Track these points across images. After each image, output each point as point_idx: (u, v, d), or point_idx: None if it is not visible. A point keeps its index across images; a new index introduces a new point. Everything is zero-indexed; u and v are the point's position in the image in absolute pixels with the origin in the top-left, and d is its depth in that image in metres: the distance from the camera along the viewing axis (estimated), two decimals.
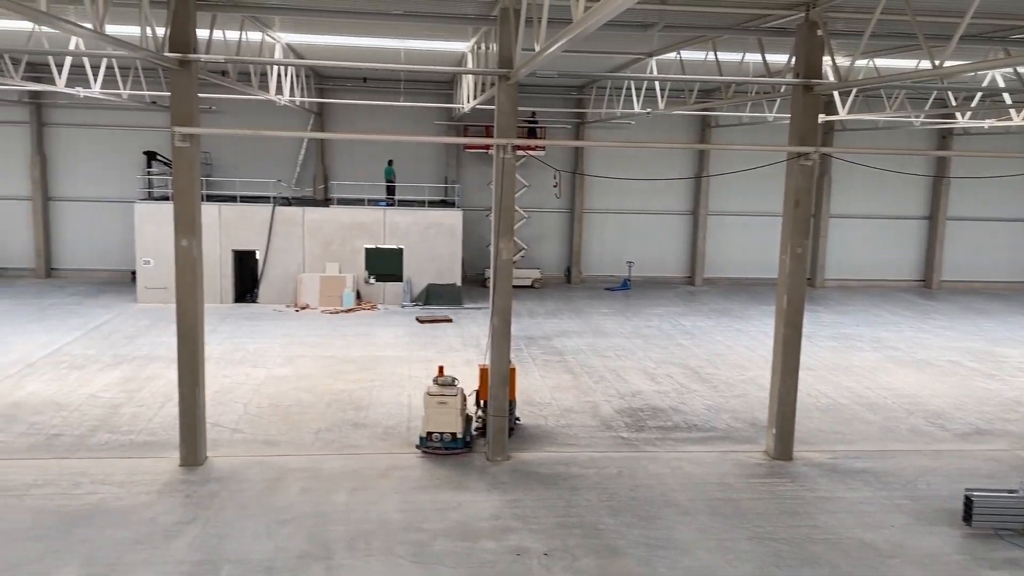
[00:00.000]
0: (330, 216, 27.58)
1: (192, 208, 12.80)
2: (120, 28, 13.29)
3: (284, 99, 22.53)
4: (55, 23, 7.78)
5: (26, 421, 15.15)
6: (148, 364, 19.30)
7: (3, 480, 12.40)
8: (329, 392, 17.55)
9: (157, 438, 14.45)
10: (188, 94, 12.52)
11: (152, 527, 11.04)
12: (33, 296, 27.31)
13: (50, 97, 29.80)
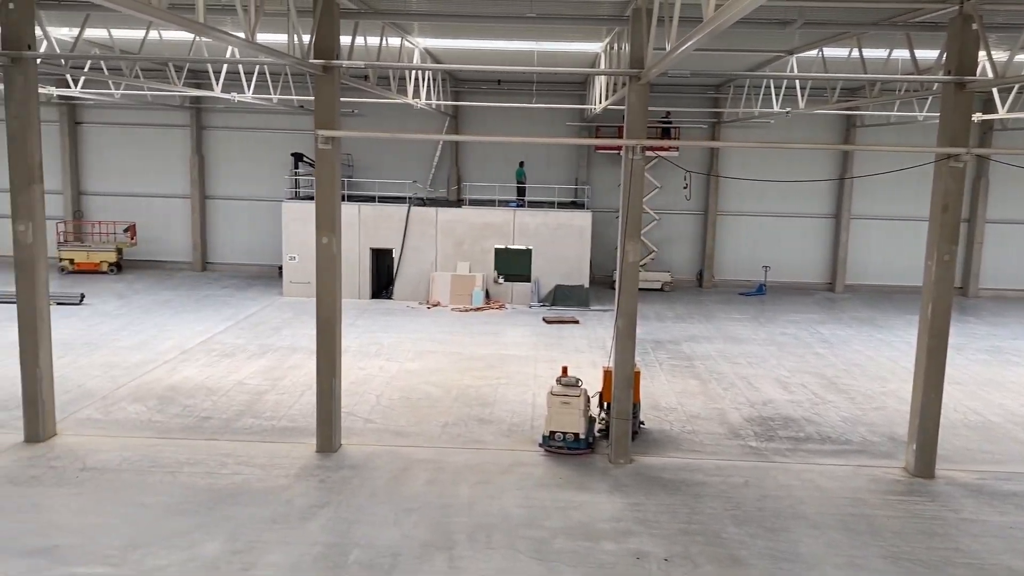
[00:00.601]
0: (462, 216, 28.22)
1: (332, 207, 13.43)
2: (270, 36, 14.18)
3: (421, 102, 23.24)
4: (211, 33, 8.39)
5: (181, 404, 16.34)
6: (291, 354, 20.38)
7: (159, 457, 13.43)
8: (456, 387, 17.98)
9: (296, 424, 15.25)
10: (330, 98, 13.15)
11: (289, 508, 11.68)
12: (190, 288, 29.37)
13: (208, 102, 31.94)
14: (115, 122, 32.86)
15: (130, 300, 26.70)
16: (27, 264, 13.49)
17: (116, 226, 32.67)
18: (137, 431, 14.68)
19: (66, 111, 32.41)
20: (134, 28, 18.02)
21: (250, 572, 9.86)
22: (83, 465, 12.97)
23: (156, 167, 33.08)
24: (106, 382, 17.58)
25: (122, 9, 6.88)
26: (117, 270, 31.66)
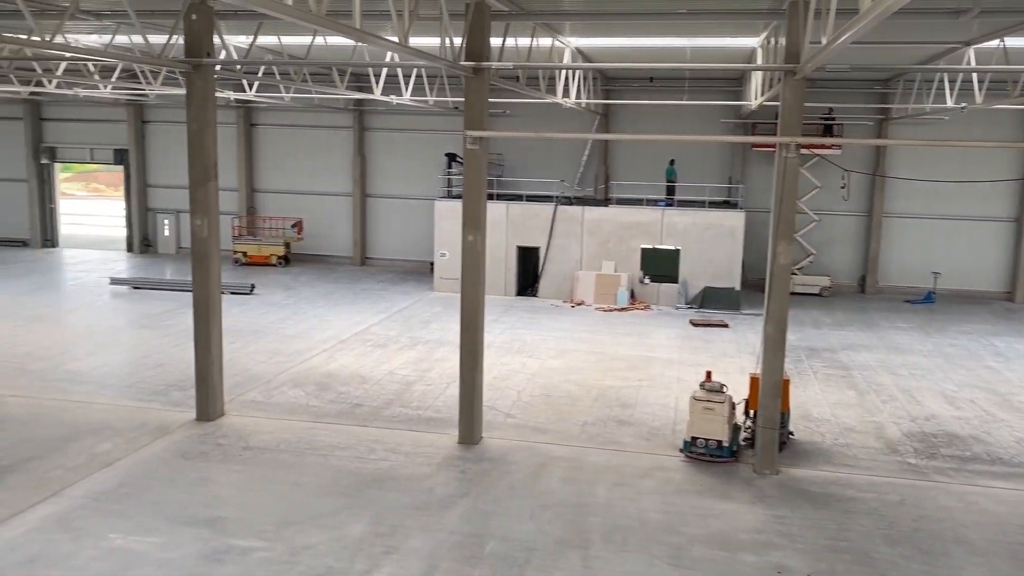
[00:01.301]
0: (609, 215, 28.08)
1: (478, 206, 13.73)
2: (424, 40, 14.63)
3: (570, 101, 23.31)
4: (366, 38, 8.78)
5: (336, 390, 17.21)
6: (438, 347, 21.00)
7: (314, 440, 14.21)
8: (597, 387, 17.92)
9: (440, 415, 15.70)
10: (480, 99, 13.44)
11: (430, 496, 12.05)
12: (349, 281, 30.85)
13: (370, 104, 33.41)
14: (285, 124, 35.01)
15: (295, 291, 28.37)
16: (202, 256, 14.62)
17: (285, 222, 34.80)
18: (295, 414, 15.59)
19: (243, 114, 34.83)
20: (302, 35, 19.12)
21: (392, 555, 10.26)
22: (246, 444, 13.92)
23: (322, 167, 34.98)
24: (270, 367, 18.78)
25: (284, 16, 7.33)
26: (285, 263, 33.71)
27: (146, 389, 16.86)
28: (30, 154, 36.82)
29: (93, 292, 27.31)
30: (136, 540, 10.42)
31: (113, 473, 12.54)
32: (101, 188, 70.28)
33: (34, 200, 37.06)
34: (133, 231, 36.77)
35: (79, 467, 12.70)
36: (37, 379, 17.33)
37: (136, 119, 35.86)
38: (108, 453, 13.31)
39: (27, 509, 11.20)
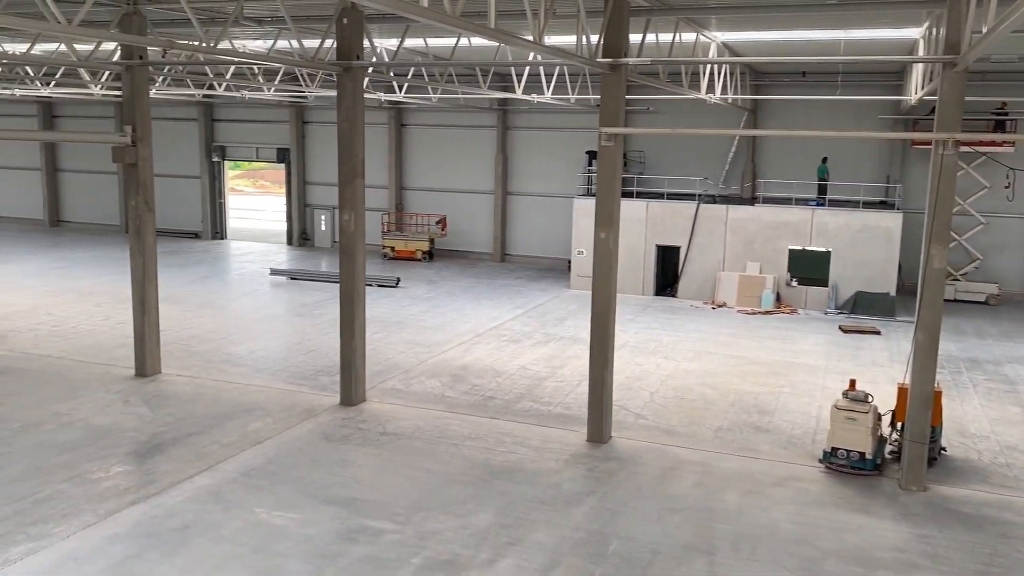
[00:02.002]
0: (754, 215, 27.20)
1: (612, 203, 13.67)
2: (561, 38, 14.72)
3: (715, 97, 22.75)
4: (500, 37, 8.95)
5: (470, 382, 17.62)
6: (571, 345, 21.07)
7: (447, 429, 14.63)
8: (734, 392, 17.43)
9: (571, 412, 15.76)
10: (616, 96, 13.37)
11: (556, 492, 12.14)
12: (488, 277, 31.46)
13: (513, 104, 33.89)
14: (433, 124, 36.10)
15: (437, 286, 29.22)
16: (349, 249, 15.35)
17: (430, 219, 35.91)
18: (430, 404, 16.09)
19: (394, 115, 36.20)
20: (446, 37, 19.66)
21: (515, 547, 10.42)
22: (383, 430, 14.52)
23: (466, 165, 35.83)
24: (409, 357, 19.47)
25: (420, 18, 7.59)
26: (429, 258, 34.79)
27: (296, 373, 17.89)
28: (203, 152, 39.80)
29: (255, 282, 29.21)
30: (279, 515, 11.10)
31: (262, 451, 13.40)
32: (266, 185, 74.90)
33: (206, 195, 40.02)
34: (292, 225, 39.02)
35: (232, 443, 13.66)
36: (201, 360, 18.74)
37: (297, 120, 38.00)
38: (259, 432, 14.24)
39: (185, 480, 12.17)
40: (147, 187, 16.62)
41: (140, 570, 9.59)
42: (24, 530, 10.45)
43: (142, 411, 15.20)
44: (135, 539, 10.31)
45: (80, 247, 35.90)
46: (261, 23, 18.82)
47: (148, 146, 16.38)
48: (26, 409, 15.06)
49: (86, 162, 41.91)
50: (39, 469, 12.39)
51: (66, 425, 14.30)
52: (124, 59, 16.23)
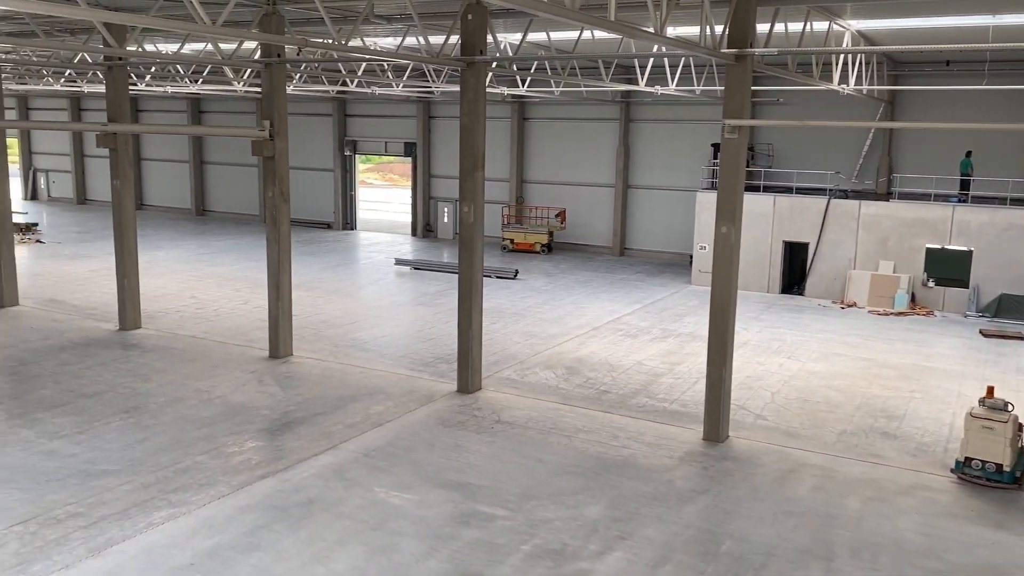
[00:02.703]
0: (889, 211, 25.90)
1: (734, 197, 13.38)
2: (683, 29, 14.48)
3: (849, 88, 21.80)
4: (620, 29, 8.93)
5: (584, 375, 17.67)
6: (690, 342, 20.75)
7: (560, 421, 14.74)
8: (861, 395, 16.72)
9: (686, 410, 15.56)
10: (741, 87, 13.07)
11: (669, 488, 12.04)
12: (607, 271, 31.35)
13: (636, 96, 33.57)
14: (555, 117, 36.24)
15: (555, 278, 29.38)
16: (468, 240, 15.69)
17: (549, 211, 36.10)
18: (544, 395, 16.25)
19: (516, 108, 36.56)
20: (569, 30, 19.70)
21: (625, 541, 10.42)
22: (498, 418, 14.78)
23: (586, 158, 35.79)
24: (525, 348, 19.70)
25: (540, 13, 7.69)
26: (548, 251, 34.99)
27: (417, 360, 18.44)
28: (336, 146, 41.46)
29: (380, 271, 30.24)
30: (396, 495, 11.52)
31: (383, 433, 13.92)
32: (395, 178, 77.24)
33: (338, 188, 41.70)
34: (417, 217, 40.11)
35: (355, 425, 14.26)
36: (329, 344, 19.61)
37: (424, 114, 39.00)
38: (380, 415, 14.79)
39: (311, 457, 12.80)
40: (283, 179, 17.51)
41: (267, 540, 10.18)
42: (166, 497, 11.29)
43: (274, 390, 16.07)
44: (264, 511, 10.96)
45: (223, 235, 38.18)
46: (390, 21, 19.44)
47: (285, 140, 17.25)
48: (171, 385, 16.22)
49: (229, 155, 44.49)
50: (180, 441, 13.33)
51: (206, 401, 15.31)
52: (264, 57, 17.14)
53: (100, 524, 10.44)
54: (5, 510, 10.76)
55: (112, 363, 17.60)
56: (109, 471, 12.07)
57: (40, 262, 30.02)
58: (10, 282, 22.67)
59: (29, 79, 35.60)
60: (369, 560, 9.77)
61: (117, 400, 15.23)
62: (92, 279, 26.82)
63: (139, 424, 14.03)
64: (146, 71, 26.33)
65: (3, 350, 18.48)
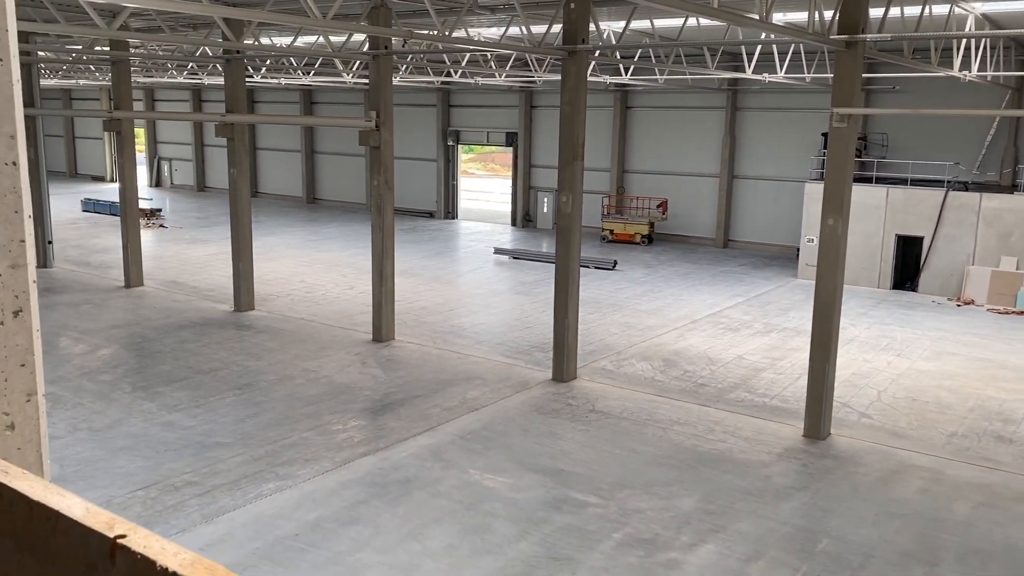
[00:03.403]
0: (1013, 204, 24.45)
1: (842, 188, 12.96)
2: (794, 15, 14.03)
3: (971, 75, 20.68)
4: (722, 16, 8.80)
5: (681, 368, 17.50)
6: (794, 337, 20.22)
7: (655, 412, 14.67)
8: (975, 396, 15.94)
9: (787, 406, 15.21)
10: (851, 75, 12.63)
11: (765, 484, 11.83)
12: (709, 263, 30.82)
13: (743, 84, 32.76)
14: (658, 106, 35.79)
15: (655, 270, 29.10)
16: (566, 230, 15.76)
17: (650, 202, 35.72)
18: (640, 386, 16.19)
19: (619, 97, 36.28)
20: (673, 18, 19.44)
21: (718, 534, 10.33)
22: (592, 407, 14.84)
23: (690, 147, 35.20)
24: (622, 339, 19.64)
25: (642, 1, 7.66)
26: (648, 242, 34.65)
27: (513, 348, 18.68)
28: (439, 137, 42.20)
29: (480, 260, 30.67)
30: (490, 478, 11.76)
31: (478, 417, 14.20)
32: (496, 168, 77.93)
33: (440, 177, 42.45)
34: (517, 207, 40.41)
35: (452, 408, 14.59)
36: (429, 330, 20.09)
37: (526, 104, 39.20)
38: (476, 400, 15.08)
39: (409, 438, 13.20)
40: (388, 168, 18.01)
41: (367, 515, 10.59)
42: (274, 470, 11.88)
43: (376, 372, 16.61)
44: (364, 487, 11.39)
45: (331, 222, 39.50)
46: (494, 11, 19.65)
47: (390, 130, 17.73)
48: (280, 364, 16.98)
49: (338, 145, 45.92)
50: (288, 417, 13.97)
51: (312, 380, 15.97)
52: (371, 50, 17.65)
53: (213, 493, 11.09)
54: (129, 476, 11.56)
55: (227, 342, 18.56)
56: (222, 443, 12.78)
57: (163, 246, 31.84)
58: (136, 264, 24.16)
59: (155, 72, 37.70)
60: (463, 539, 10.03)
61: (231, 377, 16.07)
62: (210, 262, 28.27)
63: (250, 400, 14.78)
64: (262, 64, 27.46)
65: (129, 327, 19.75)
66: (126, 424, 13.51)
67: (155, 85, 49.94)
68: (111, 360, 17.19)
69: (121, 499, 10.82)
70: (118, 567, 1.06)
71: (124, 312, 21.27)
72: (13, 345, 2.01)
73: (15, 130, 1.92)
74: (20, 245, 1.99)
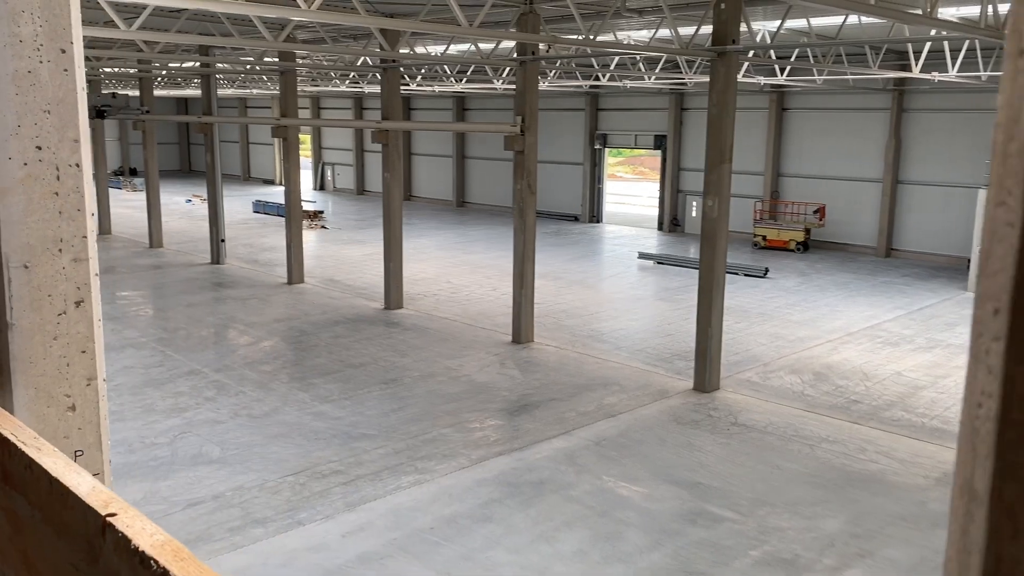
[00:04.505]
0: None
1: None
2: (965, 9, 13.01)
3: None
4: (883, 12, 8.30)
5: (833, 383, 16.65)
6: (959, 354, 18.79)
7: (801, 428, 14.04)
8: None
9: (949, 428, 14.16)
10: None
11: (920, 510, 11.07)
12: (869, 273, 29.16)
13: (911, 84, 30.78)
14: (816, 107, 34.23)
15: (809, 279, 27.85)
16: (711, 235, 15.37)
17: (807, 207, 34.21)
18: (787, 400, 15.54)
19: (774, 98, 34.98)
20: (832, 15, 18.54)
21: (865, 559, 9.76)
22: (735, 420, 14.38)
23: (850, 151, 33.44)
24: (770, 350, 18.92)
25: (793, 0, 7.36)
26: (803, 249, 33.21)
27: (653, 355, 18.40)
28: (586, 140, 42.22)
29: (623, 264, 30.43)
30: (624, 486, 11.64)
31: (615, 424, 14.09)
32: (645, 171, 77.12)
33: (586, 181, 42.47)
34: (664, 211, 39.80)
35: (589, 413, 14.55)
36: (568, 333, 20.14)
37: (676, 107, 38.55)
38: (613, 406, 14.97)
39: (544, 440, 13.28)
40: (531, 172, 18.21)
41: (500, 513, 10.74)
42: (414, 464, 12.27)
43: (514, 373, 16.82)
44: (498, 486, 11.56)
45: (478, 225, 40.38)
46: (642, 14, 19.46)
47: (534, 134, 17.92)
48: (424, 361, 17.53)
49: (487, 149, 46.89)
50: (429, 413, 14.40)
51: (453, 379, 16.38)
52: (519, 56, 17.90)
53: (356, 482, 11.59)
54: (282, 461, 12.28)
55: (376, 338, 19.35)
56: (367, 435, 13.34)
57: (323, 245, 33.62)
58: (298, 263, 25.63)
59: (320, 81, 39.89)
60: (593, 545, 9.98)
61: (378, 371, 16.74)
62: (365, 262, 29.58)
63: (395, 395, 15.34)
64: (417, 72, 28.47)
65: (289, 321, 20.98)
66: (282, 412, 14.36)
67: (321, 94, 52.81)
68: (272, 351, 18.31)
69: (273, 483, 11.51)
70: (107, 543, 1.14)
71: (285, 307, 22.61)
72: (75, 333, 2.17)
73: (79, 135, 2.09)
74: (82, 240, 2.15)
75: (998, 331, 0.72)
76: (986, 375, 0.73)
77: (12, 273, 2.03)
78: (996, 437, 0.72)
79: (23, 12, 1.96)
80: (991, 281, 0.73)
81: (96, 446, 2.21)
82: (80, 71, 2.07)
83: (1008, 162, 0.74)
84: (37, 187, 2.05)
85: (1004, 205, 0.73)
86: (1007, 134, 0.74)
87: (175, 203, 45.79)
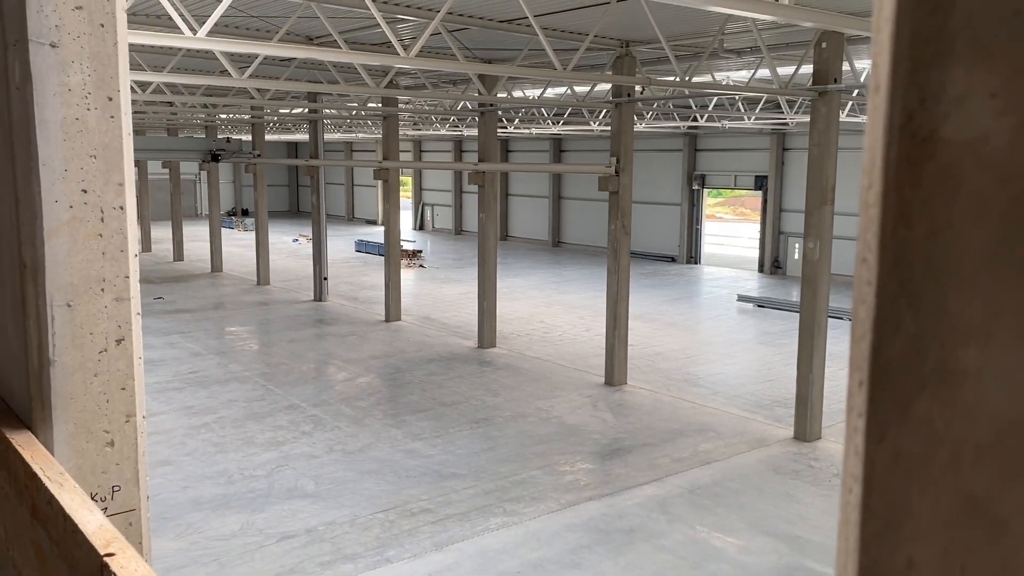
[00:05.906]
0: None
1: None
2: None
3: None
4: None
5: None
6: None
7: None
8: None
9: None
10: None
11: None
12: None
13: None
14: None
15: None
16: (812, 278, 14.89)
17: None
18: None
19: None
20: None
21: None
22: (837, 471, 13.73)
23: None
24: None
25: None
26: None
27: (752, 401, 17.84)
28: (684, 180, 41.82)
29: (721, 306, 29.78)
30: (718, 537, 11.24)
31: (710, 471, 13.67)
32: (746, 212, 75.67)
33: (684, 221, 41.97)
34: (764, 252, 38.86)
35: (683, 459, 14.18)
36: (663, 376, 19.77)
37: (777, 147, 37.80)
38: (708, 452, 14.55)
39: (636, 486, 13.00)
40: (625, 213, 18.13)
41: (588, 560, 10.54)
42: (502, 505, 12.21)
43: (606, 416, 16.60)
44: (588, 532, 11.36)
45: (573, 265, 40.39)
46: (740, 55, 19.25)
47: (629, 175, 17.87)
48: (516, 401, 17.51)
49: (583, 190, 47.05)
50: (519, 455, 14.33)
51: (544, 420, 16.29)
52: (614, 98, 17.97)
53: (445, 522, 11.60)
54: (373, 497, 12.43)
55: (469, 377, 19.49)
56: (457, 474, 13.37)
57: (420, 284, 34.27)
58: (395, 301, 26.19)
59: (421, 125, 41.05)
60: None
61: (470, 410, 16.83)
62: (460, 301, 29.97)
63: (486, 435, 15.36)
64: (515, 114, 28.93)
65: (385, 358, 21.39)
66: (375, 448, 14.58)
67: (422, 137, 54.33)
68: (367, 388, 18.68)
69: (364, 519, 11.65)
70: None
71: (382, 344, 23.08)
72: (115, 370, 2.23)
73: (123, 179, 2.17)
74: (125, 280, 2.21)
75: (862, 407, 0.64)
76: (853, 457, 0.65)
77: (55, 311, 2.12)
78: (860, 529, 0.64)
79: (72, 62, 2.07)
80: (856, 349, 0.65)
81: (133, 481, 2.27)
82: (126, 117, 2.17)
83: (868, 212, 0.67)
84: (82, 229, 2.14)
85: (865, 262, 0.66)
86: (868, 179, 0.67)
87: (283, 242, 47.69)
